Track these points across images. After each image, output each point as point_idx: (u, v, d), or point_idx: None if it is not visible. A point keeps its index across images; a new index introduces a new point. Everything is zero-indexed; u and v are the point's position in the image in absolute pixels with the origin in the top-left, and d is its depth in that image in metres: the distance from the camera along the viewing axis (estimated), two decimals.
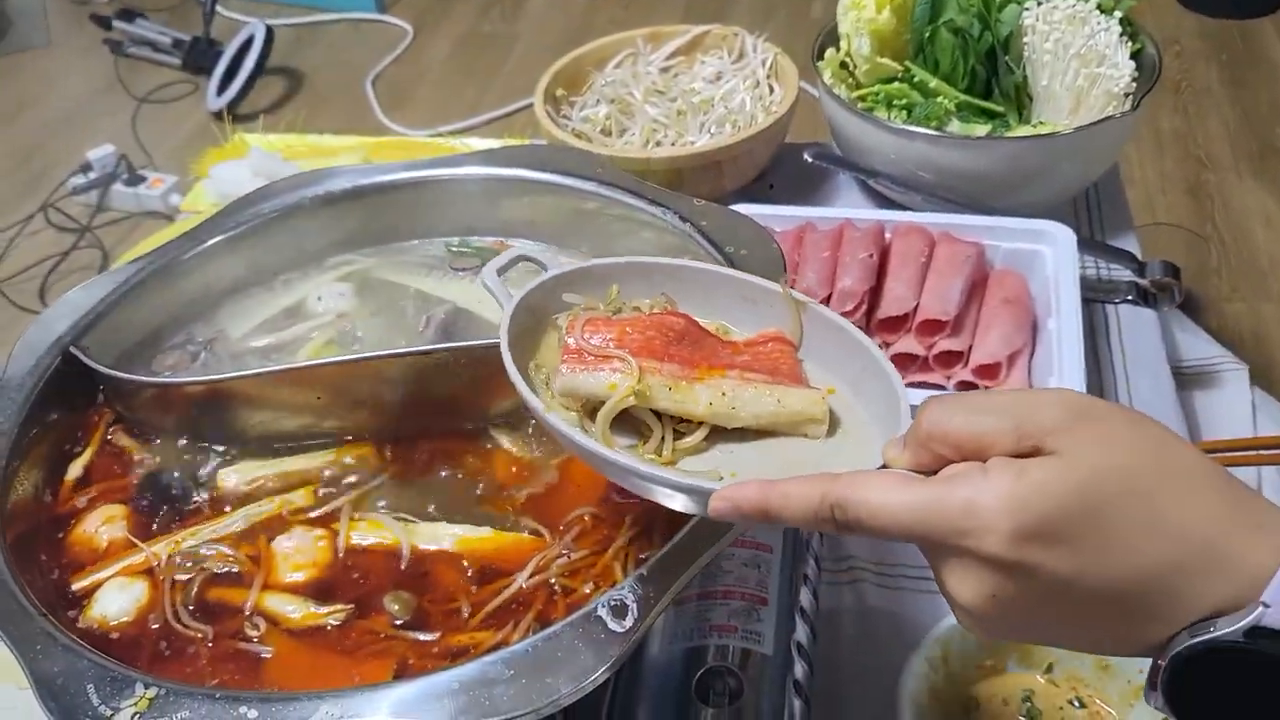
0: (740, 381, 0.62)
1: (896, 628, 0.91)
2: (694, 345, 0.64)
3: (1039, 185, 1.25)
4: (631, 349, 0.62)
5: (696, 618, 0.79)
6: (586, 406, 0.62)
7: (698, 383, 0.62)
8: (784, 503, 0.52)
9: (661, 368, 0.62)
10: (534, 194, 0.92)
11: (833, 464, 0.57)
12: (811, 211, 1.19)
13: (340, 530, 0.72)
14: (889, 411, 0.60)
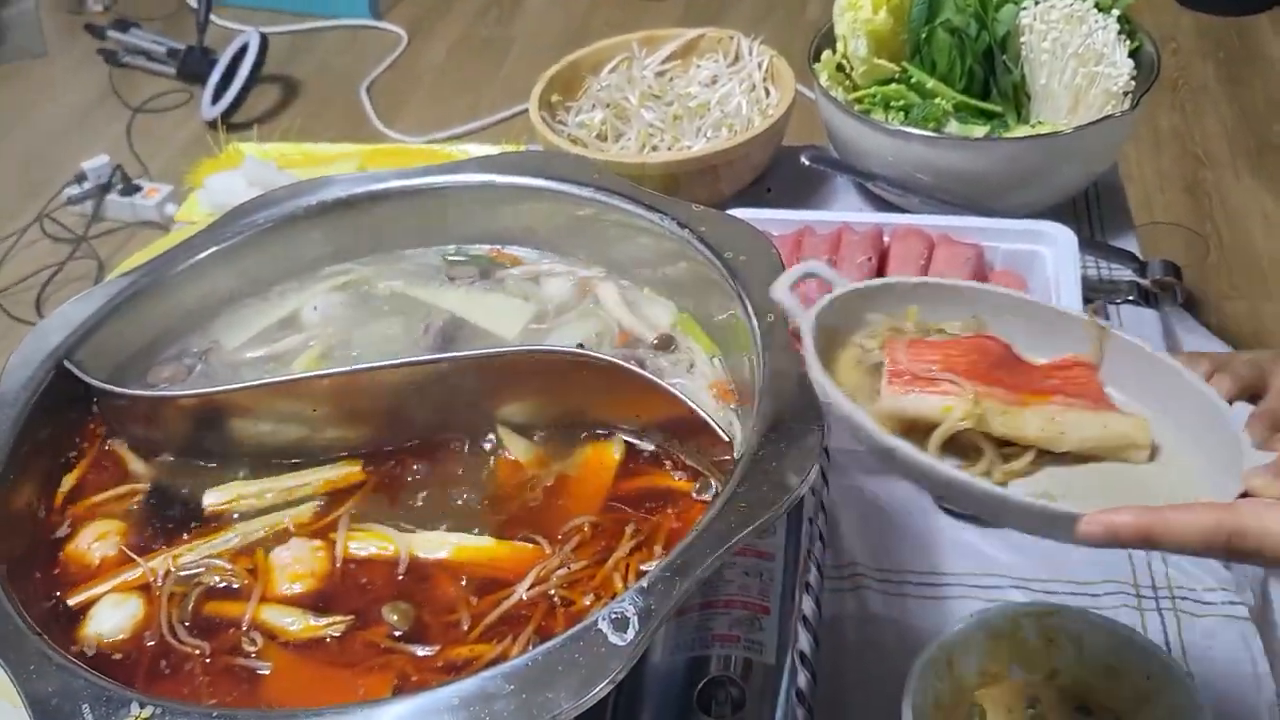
0: (1065, 406, 0.64)
1: (900, 634, 0.90)
2: (1011, 369, 0.66)
3: (1038, 185, 1.24)
4: (958, 371, 0.63)
5: (698, 627, 0.78)
6: (904, 427, 0.63)
7: (1025, 407, 0.63)
8: (1168, 529, 0.54)
9: (991, 391, 0.63)
10: (530, 201, 0.91)
11: (1157, 487, 0.61)
12: (809, 215, 1.19)
13: (338, 539, 0.72)
14: (1210, 434, 0.62)
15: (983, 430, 0.62)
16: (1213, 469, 0.61)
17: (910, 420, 0.63)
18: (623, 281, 0.90)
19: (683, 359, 0.83)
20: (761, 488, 0.63)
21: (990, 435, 0.63)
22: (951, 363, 0.64)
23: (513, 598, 0.67)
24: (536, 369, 0.77)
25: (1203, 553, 0.55)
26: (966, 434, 0.63)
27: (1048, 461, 0.64)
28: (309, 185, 0.94)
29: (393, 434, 0.79)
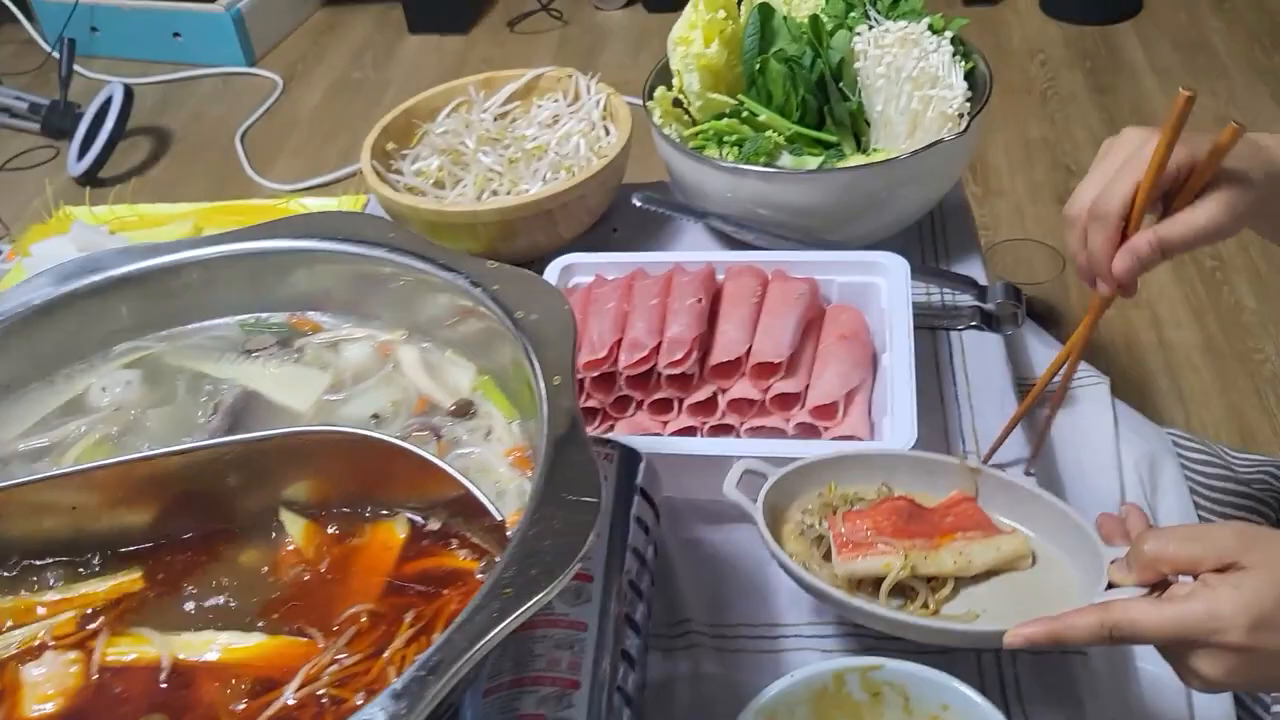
0: (966, 540, 0.83)
1: (733, 693, 0.86)
2: (919, 519, 0.85)
3: (877, 214, 1.23)
4: (886, 533, 0.83)
5: (506, 708, 0.74)
6: (852, 584, 0.83)
7: (939, 548, 0.83)
8: (1070, 632, 0.72)
9: (913, 543, 0.83)
10: (323, 264, 0.87)
11: (1044, 586, 0.82)
12: (643, 257, 1.16)
13: (96, 648, 0.67)
14: (1070, 538, 0.83)
15: (915, 574, 0.83)
16: (1079, 566, 0.82)
17: (859, 578, 0.83)
18: (424, 344, 0.87)
19: (481, 425, 0.80)
20: (530, 570, 0.59)
21: (918, 576, 0.83)
22: (880, 527, 0.83)
23: (279, 701, 0.63)
24: (316, 448, 0.73)
25: (1097, 644, 0.73)
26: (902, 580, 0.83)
27: (963, 585, 0.83)
28: (89, 262, 0.89)
29: (169, 526, 0.74)
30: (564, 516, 0.62)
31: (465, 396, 0.81)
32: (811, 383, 1.05)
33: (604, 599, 0.81)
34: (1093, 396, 1.28)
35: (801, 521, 0.86)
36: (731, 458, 0.97)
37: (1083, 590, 0.79)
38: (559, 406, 0.69)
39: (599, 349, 1.05)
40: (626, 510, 0.88)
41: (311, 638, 0.66)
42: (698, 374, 1.06)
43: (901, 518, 0.84)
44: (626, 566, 0.84)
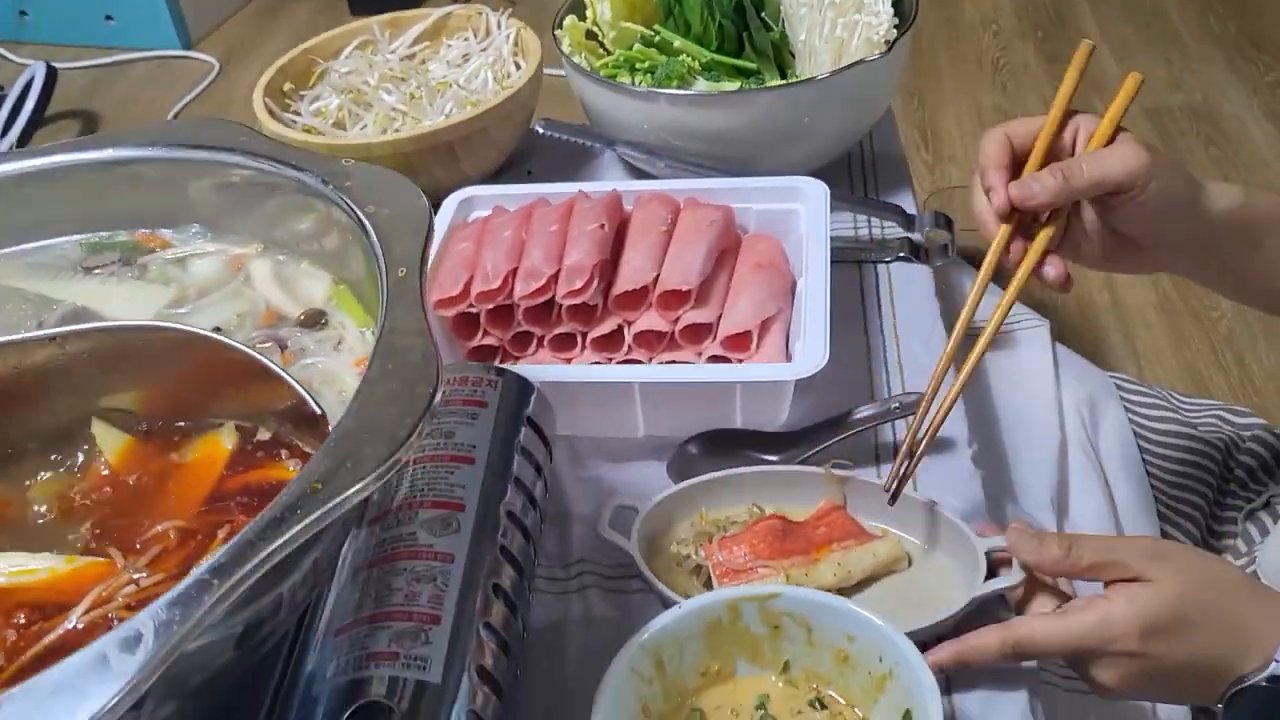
0: (843, 550, 0.80)
1: (627, 636, 0.79)
2: (794, 535, 0.81)
3: (801, 143, 1.15)
4: (763, 555, 0.79)
5: (358, 647, 0.66)
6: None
7: (818, 562, 0.79)
8: (975, 654, 0.71)
9: (792, 561, 0.79)
10: (170, 174, 0.79)
11: (924, 585, 0.80)
12: (546, 188, 1.08)
13: None
14: (944, 534, 0.81)
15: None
16: (955, 560, 0.80)
17: None
18: (280, 257, 0.78)
19: (331, 335, 0.72)
20: (344, 464, 0.51)
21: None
22: (756, 549, 0.80)
23: (62, 626, 0.54)
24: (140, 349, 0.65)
25: (1000, 661, 0.72)
26: None
27: (847, 594, 0.79)
28: None
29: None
30: (392, 407, 0.54)
31: (318, 307, 0.73)
32: (724, 313, 0.97)
33: (477, 529, 0.73)
34: (1031, 339, 1.21)
35: (677, 553, 0.83)
36: (631, 384, 0.90)
37: (963, 582, 0.78)
38: (401, 296, 0.61)
39: (493, 279, 0.97)
40: (511, 440, 0.80)
41: (110, 558, 0.58)
42: (601, 305, 0.98)
43: (776, 536, 0.81)
44: (508, 498, 0.76)
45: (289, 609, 0.60)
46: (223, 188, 0.79)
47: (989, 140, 0.82)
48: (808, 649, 0.70)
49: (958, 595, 0.76)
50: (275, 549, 0.48)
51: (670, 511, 0.85)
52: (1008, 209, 0.80)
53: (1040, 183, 0.78)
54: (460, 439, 0.78)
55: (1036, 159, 0.81)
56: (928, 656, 0.69)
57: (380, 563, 0.70)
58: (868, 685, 0.68)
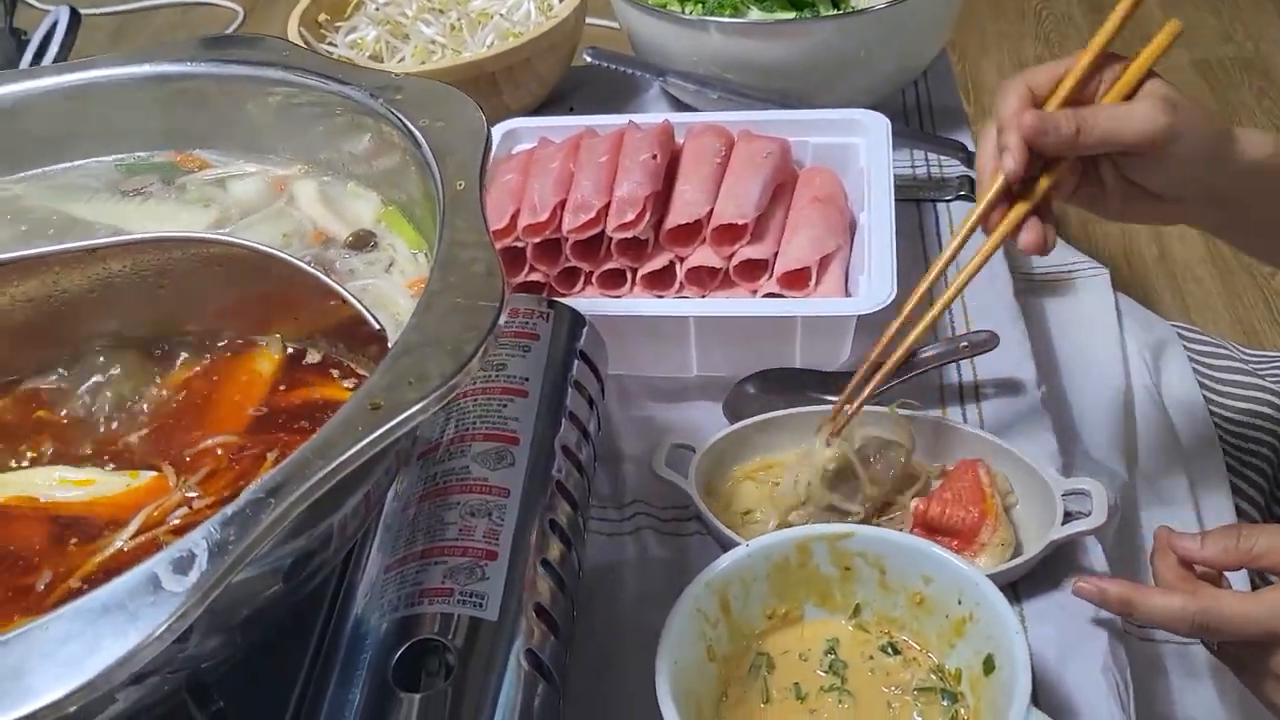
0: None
1: (684, 578, 0.75)
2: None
3: (855, 78, 1.11)
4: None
5: (410, 582, 0.63)
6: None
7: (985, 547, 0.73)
8: (1148, 608, 0.66)
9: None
10: (210, 91, 0.75)
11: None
12: (594, 119, 1.04)
13: None
14: (1018, 474, 0.77)
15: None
16: (1030, 504, 0.76)
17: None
18: (325, 178, 0.74)
19: (381, 257, 0.68)
20: (405, 382, 0.48)
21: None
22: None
23: (111, 547, 0.51)
24: (178, 265, 0.61)
25: (1172, 629, 0.67)
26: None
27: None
28: None
29: None
30: (455, 321, 0.50)
31: (366, 228, 0.70)
32: (780, 249, 0.93)
33: (532, 463, 0.69)
34: (1092, 287, 1.17)
35: (735, 496, 0.80)
36: (686, 319, 0.86)
37: (1040, 529, 0.73)
38: (461, 208, 0.57)
39: (540, 212, 0.93)
40: (564, 373, 0.76)
41: (162, 474, 0.54)
42: (652, 240, 0.94)
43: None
44: (562, 432, 0.73)
45: (339, 542, 0.57)
46: (265, 106, 0.75)
47: (1008, 93, 0.73)
48: (880, 592, 0.66)
49: (1032, 539, 0.72)
50: (334, 468, 0.45)
51: (727, 451, 0.81)
52: (1020, 174, 0.71)
53: (1055, 124, 0.69)
54: (512, 371, 0.75)
55: (1057, 104, 0.71)
56: (1093, 579, 0.67)
57: (431, 496, 0.67)
58: (944, 629, 0.65)
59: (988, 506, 0.73)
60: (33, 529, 0.53)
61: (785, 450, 0.82)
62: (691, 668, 0.62)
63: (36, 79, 0.77)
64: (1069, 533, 0.71)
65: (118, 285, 0.60)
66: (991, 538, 0.72)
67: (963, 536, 0.73)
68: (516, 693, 0.59)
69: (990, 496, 0.74)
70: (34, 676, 0.39)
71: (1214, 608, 0.65)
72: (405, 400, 0.47)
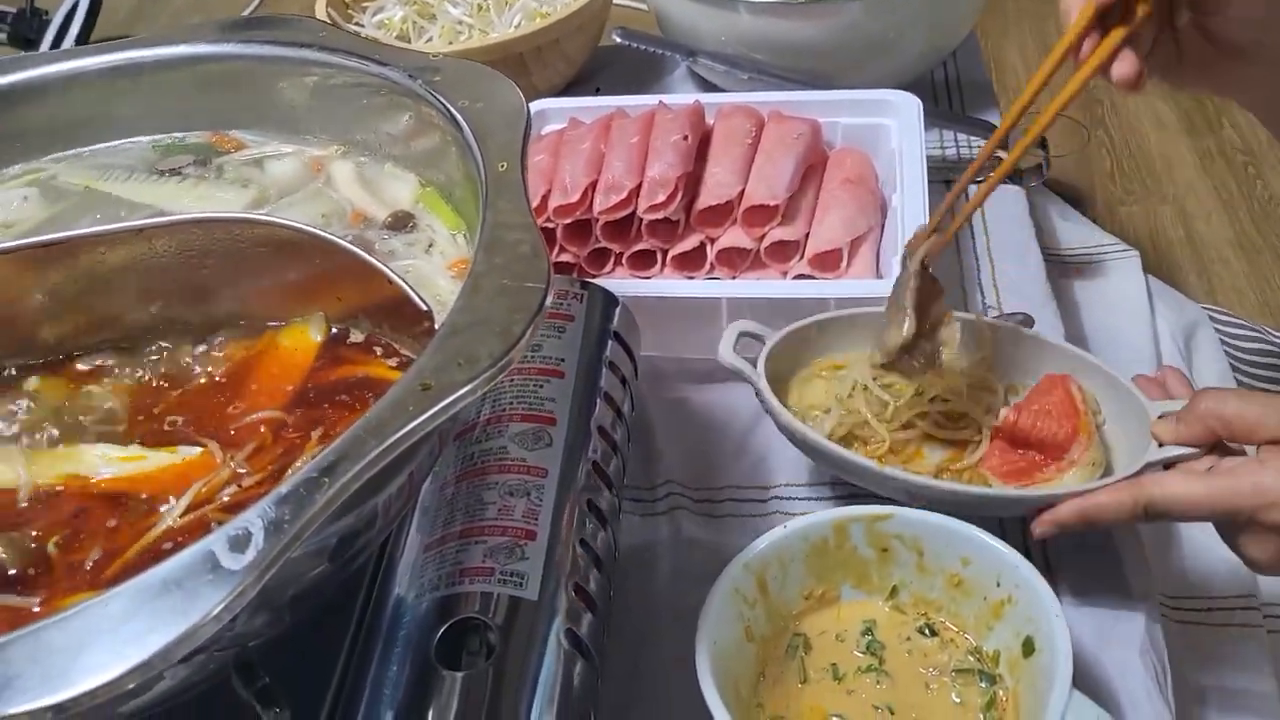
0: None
1: (720, 559, 0.75)
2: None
3: (885, 59, 1.10)
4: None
5: (450, 562, 0.63)
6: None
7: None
8: (1099, 512, 0.66)
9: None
10: (245, 73, 0.75)
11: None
12: (624, 100, 1.04)
13: None
14: (1109, 397, 0.74)
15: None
16: (1121, 425, 0.74)
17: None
18: (361, 158, 0.75)
19: (420, 238, 0.68)
20: (455, 363, 0.48)
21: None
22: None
23: (160, 525, 0.51)
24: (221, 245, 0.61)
25: (1130, 522, 0.66)
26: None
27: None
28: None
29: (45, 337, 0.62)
30: (502, 302, 0.50)
31: (403, 209, 0.70)
32: (812, 230, 0.93)
33: (569, 444, 0.70)
34: (1123, 268, 1.17)
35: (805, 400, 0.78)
36: (719, 299, 0.86)
37: (1132, 452, 0.70)
38: (504, 190, 0.57)
39: (571, 192, 0.93)
40: (598, 354, 0.77)
41: (206, 449, 0.55)
42: (683, 221, 0.94)
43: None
44: (597, 413, 0.73)
45: (383, 523, 0.57)
46: (301, 87, 0.75)
47: None
48: (918, 574, 0.67)
49: (1124, 463, 0.70)
50: (387, 447, 0.45)
51: (798, 348, 0.81)
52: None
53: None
54: (548, 352, 0.75)
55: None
56: (1049, 515, 0.66)
57: (469, 477, 0.68)
58: (982, 611, 0.65)
59: (1081, 423, 0.71)
60: (82, 506, 0.53)
61: (853, 349, 0.81)
62: (730, 648, 0.62)
63: (73, 60, 0.77)
64: (1165, 456, 0.67)
65: (162, 265, 0.61)
66: (1083, 456, 0.70)
67: (1051, 452, 0.71)
68: (557, 670, 0.60)
69: (1084, 413, 0.72)
70: (94, 653, 0.39)
71: (1160, 496, 0.64)
72: (455, 381, 0.47)
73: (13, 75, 0.76)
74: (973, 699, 0.62)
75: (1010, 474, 0.73)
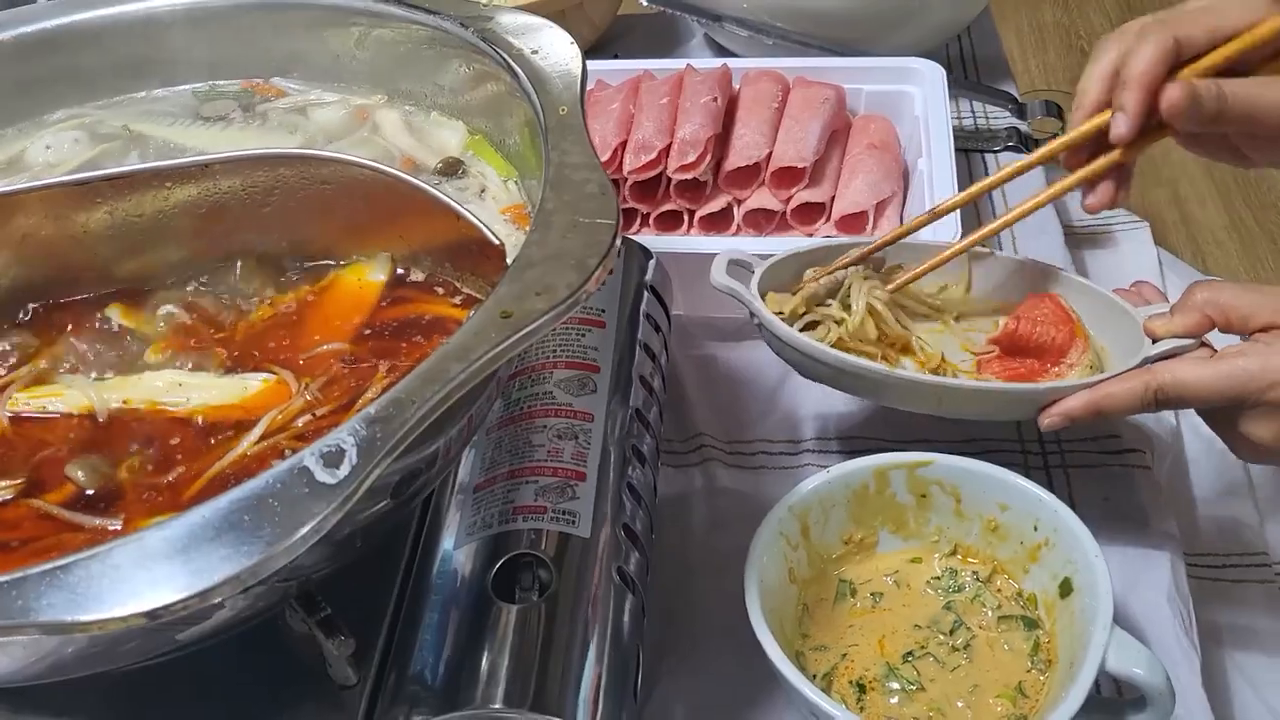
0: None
1: (754, 508, 0.76)
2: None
3: (906, 28, 1.12)
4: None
5: (501, 501, 0.64)
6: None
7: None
8: (1110, 402, 0.66)
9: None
10: (288, 22, 0.76)
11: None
12: (651, 63, 1.05)
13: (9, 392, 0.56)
14: (1093, 309, 0.76)
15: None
16: (1109, 335, 0.75)
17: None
18: (407, 107, 0.75)
19: (472, 184, 0.69)
20: (533, 293, 0.49)
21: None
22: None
23: (235, 450, 0.52)
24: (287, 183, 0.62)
25: (1140, 411, 0.67)
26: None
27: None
28: (23, 12, 0.77)
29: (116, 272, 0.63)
30: (575, 238, 0.52)
31: (453, 155, 0.71)
32: (838, 192, 0.95)
33: (612, 390, 0.71)
34: (1133, 239, 1.18)
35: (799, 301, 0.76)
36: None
37: (1124, 357, 0.71)
38: (567, 132, 0.58)
39: (602, 152, 0.94)
40: (637, 306, 0.78)
41: (280, 378, 0.56)
42: (711, 182, 0.95)
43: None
44: (637, 361, 0.74)
45: (442, 464, 0.58)
46: (346, 36, 0.76)
47: (1149, 42, 0.64)
48: (955, 519, 0.68)
49: (1116, 367, 0.70)
50: (472, 372, 0.46)
51: (784, 275, 0.79)
52: (1132, 135, 0.66)
53: (1198, 102, 0.63)
54: (590, 303, 0.76)
55: (1203, 70, 0.65)
56: (1057, 406, 0.67)
57: (517, 420, 0.69)
58: (1019, 555, 0.66)
59: (1076, 328, 0.73)
60: (157, 431, 0.54)
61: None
62: (775, 588, 0.64)
63: (109, 7, 0.78)
64: (1164, 349, 0.68)
65: (227, 202, 0.61)
66: (1081, 358, 0.72)
67: (1051, 355, 0.73)
68: (608, 605, 0.61)
69: (1077, 320, 0.74)
70: (198, 558, 0.40)
71: (1170, 381, 0.65)
72: (535, 309, 0.48)
73: (54, 20, 0.77)
74: (1019, 644, 0.64)
75: (1013, 378, 0.74)
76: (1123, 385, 0.66)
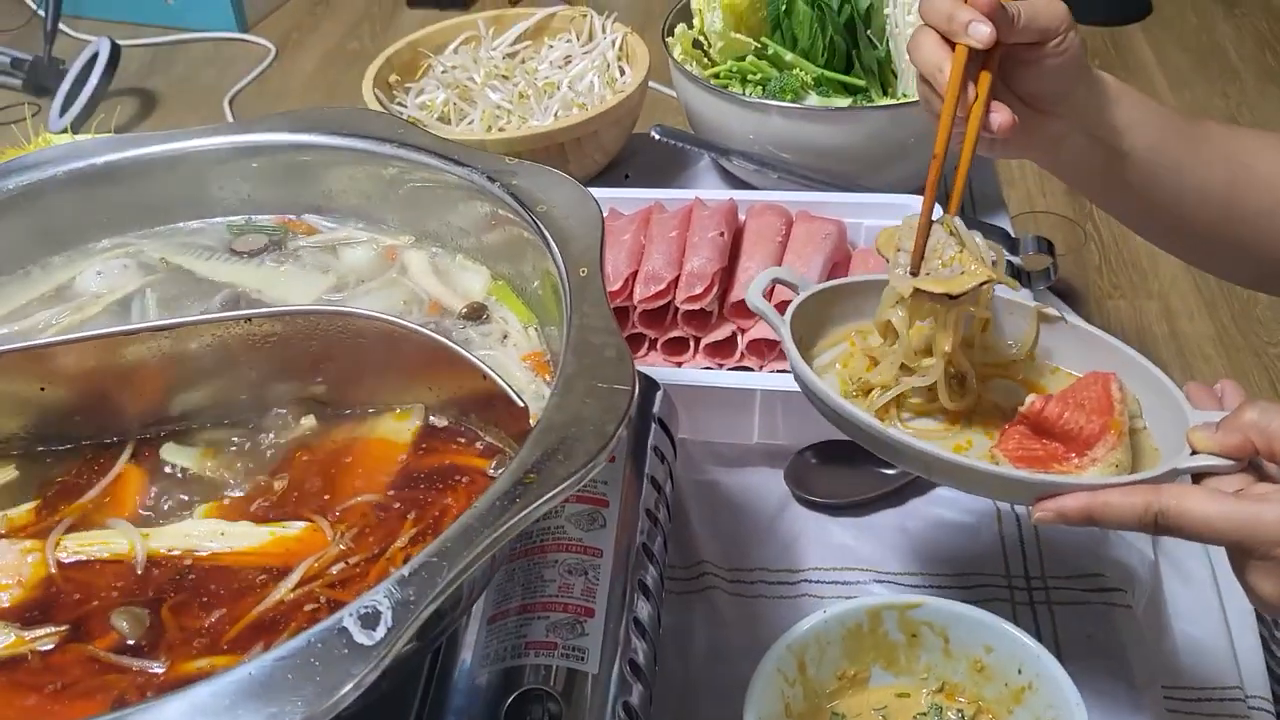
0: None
1: (753, 639, 0.80)
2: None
3: (905, 162, 1.17)
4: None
5: (514, 635, 0.68)
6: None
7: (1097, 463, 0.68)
8: (1107, 511, 0.62)
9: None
10: (325, 161, 0.81)
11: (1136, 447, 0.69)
12: (661, 193, 1.10)
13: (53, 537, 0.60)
14: (1150, 398, 0.71)
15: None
16: (1158, 429, 0.70)
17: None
18: (434, 249, 0.80)
19: (495, 330, 0.73)
20: (556, 457, 0.53)
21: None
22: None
23: (271, 598, 0.56)
24: (322, 333, 0.66)
25: (1136, 529, 0.62)
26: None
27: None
28: (75, 147, 0.82)
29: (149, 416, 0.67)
30: (594, 403, 0.56)
31: (477, 300, 0.75)
32: None
33: (621, 526, 0.74)
34: None
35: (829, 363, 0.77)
36: (752, 390, 0.91)
37: (1170, 453, 0.67)
38: (587, 295, 0.63)
39: (613, 281, 0.99)
40: (644, 438, 0.82)
41: (316, 525, 0.59)
42: (716, 312, 1.00)
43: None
44: (644, 495, 0.78)
45: (466, 602, 0.62)
46: (378, 179, 0.80)
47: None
48: (944, 658, 0.71)
49: (1150, 463, 0.68)
50: (497, 536, 0.50)
51: (827, 309, 0.79)
52: (993, 35, 0.71)
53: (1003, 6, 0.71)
54: None
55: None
56: (1053, 502, 0.63)
57: (531, 553, 0.72)
58: (1003, 696, 0.70)
59: (1113, 421, 0.68)
60: (199, 575, 0.58)
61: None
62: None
63: (156, 145, 0.82)
64: (1195, 464, 0.64)
65: (266, 350, 0.65)
66: (1107, 455, 0.67)
67: (1076, 444, 0.68)
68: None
69: (1119, 414, 0.68)
70: (246, 715, 0.43)
71: (1174, 509, 0.60)
72: (557, 475, 0.52)
73: (103, 156, 0.82)
74: None
75: (1024, 459, 0.70)
76: (1125, 498, 0.62)
